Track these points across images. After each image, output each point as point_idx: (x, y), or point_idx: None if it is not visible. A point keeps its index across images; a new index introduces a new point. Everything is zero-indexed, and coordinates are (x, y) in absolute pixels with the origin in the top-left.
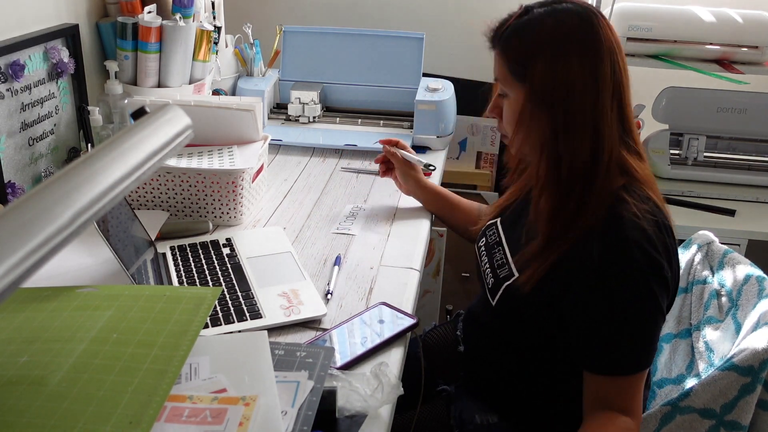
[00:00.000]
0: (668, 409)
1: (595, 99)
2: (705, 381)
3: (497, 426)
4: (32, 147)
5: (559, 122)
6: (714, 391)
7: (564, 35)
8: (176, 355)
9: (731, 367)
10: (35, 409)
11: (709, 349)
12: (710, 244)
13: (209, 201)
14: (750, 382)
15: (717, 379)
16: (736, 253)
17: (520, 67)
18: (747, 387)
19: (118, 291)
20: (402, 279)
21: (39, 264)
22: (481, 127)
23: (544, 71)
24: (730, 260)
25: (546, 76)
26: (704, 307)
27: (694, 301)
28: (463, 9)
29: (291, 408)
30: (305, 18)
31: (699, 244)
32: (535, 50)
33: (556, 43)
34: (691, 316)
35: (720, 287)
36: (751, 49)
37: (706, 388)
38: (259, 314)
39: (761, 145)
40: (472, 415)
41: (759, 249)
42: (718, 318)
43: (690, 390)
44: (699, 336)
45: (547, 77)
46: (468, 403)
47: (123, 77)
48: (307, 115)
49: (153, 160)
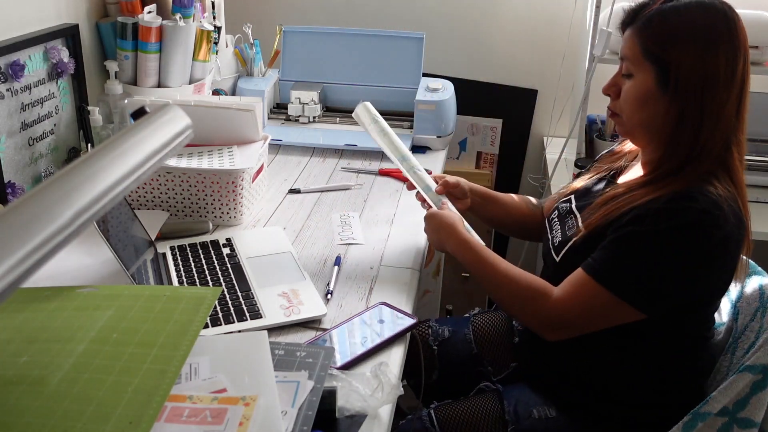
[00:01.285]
0: (689, 418)
1: (729, 95)
2: (722, 387)
3: (556, 420)
4: (32, 147)
5: (691, 112)
6: (731, 394)
7: (713, 28)
8: (176, 355)
9: (745, 369)
10: (35, 409)
11: None
12: None
13: (209, 201)
14: (761, 379)
15: (733, 383)
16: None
17: (660, 49)
18: (759, 384)
19: (118, 291)
20: (402, 279)
21: (39, 264)
22: (481, 127)
23: (693, 61)
24: None
25: (694, 66)
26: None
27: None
28: (463, 9)
29: (291, 408)
30: (305, 18)
31: None
32: (683, 37)
33: (707, 35)
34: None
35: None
36: (751, 49)
37: (723, 393)
38: (259, 314)
39: (761, 145)
40: (528, 409)
41: (759, 249)
42: (718, 321)
43: (709, 397)
44: None
45: (695, 67)
46: (522, 396)
47: (123, 77)
48: (307, 115)
49: (153, 160)
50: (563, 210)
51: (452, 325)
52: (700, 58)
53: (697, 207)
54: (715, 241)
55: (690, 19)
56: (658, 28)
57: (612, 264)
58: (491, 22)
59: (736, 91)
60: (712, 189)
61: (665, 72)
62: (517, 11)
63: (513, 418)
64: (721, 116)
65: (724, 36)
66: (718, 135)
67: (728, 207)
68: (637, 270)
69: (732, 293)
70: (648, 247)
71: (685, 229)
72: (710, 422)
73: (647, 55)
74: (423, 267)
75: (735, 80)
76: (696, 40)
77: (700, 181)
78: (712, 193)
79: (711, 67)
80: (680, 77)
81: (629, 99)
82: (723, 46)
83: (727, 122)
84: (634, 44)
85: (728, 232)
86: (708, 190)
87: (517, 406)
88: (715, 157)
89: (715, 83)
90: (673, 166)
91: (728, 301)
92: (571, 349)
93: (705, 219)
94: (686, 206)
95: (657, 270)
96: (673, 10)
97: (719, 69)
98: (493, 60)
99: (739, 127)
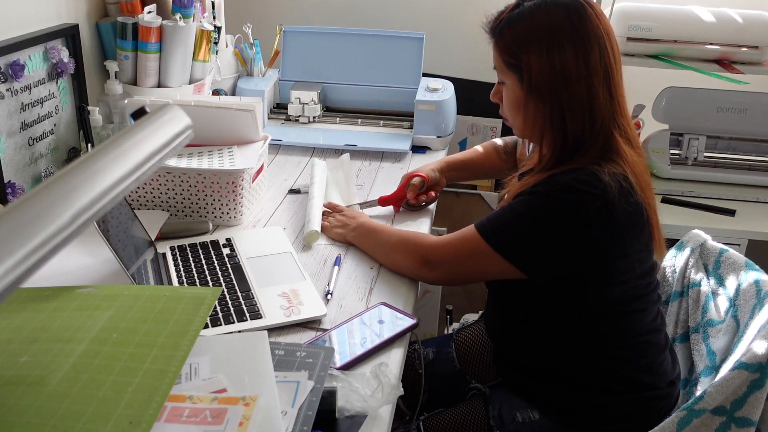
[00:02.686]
0: (684, 413)
1: (589, 85)
2: (717, 383)
3: (539, 423)
4: (32, 147)
5: (555, 109)
6: (727, 391)
7: (555, 27)
8: (176, 355)
9: (740, 366)
10: (35, 409)
11: (710, 351)
12: (703, 243)
13: (209, 201)
14: (759, 378)
15: (728, 380)
16: (732, 251)
17: (513, 58)
18: (756, 383)
19: (118, 291)
20: (402, 279)
21: (39, 264)
22: (481, 127)
23: (539, 63)
24: (726, 259)
25: (542, 68)
26: (702, 310)
27: (690, 305)
28: (463, 9)
29: (291, 408)
30: (305, 18)
31: (692, 247)
32: (528, 43)
33: (548, 35)
34: (689, 319)
35: (717, 287)
36: (751, 49)
37: (719, 389)
38: (259, 314)
39: (761, 145)
40: (512, 413)
41: (759, 249)
42: (717, 320)
43: (704, 393)
44: (699, 339)
45: (543, 68)
46: (506, 401)
47: (123, 77)
48: (307, 115)
49: (153, 160)
50: None
51: (436, 345)
52: (546, 57)
53: (574, 177)
54: (586, 206)
55: (532, 22)
56: (508, 37)
57: (493, 218)
58: None
59: (599, 80)
60: (596, 167)
61: (522, 77)
62: None
63: (498, 422)
64: (588, 109)
65: (568, 30)
66: (592, 125)
67: (611, 178)
68: (510, 224)
69: (729, 291)
70: (522, 207)
71: (561, 193)
72: (706, 420)
73: (506, 64)
74: None
75: (593, 71)
76: (540, 41)
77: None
78: (593, 169)
79: (559, 64)
80: (533, 79)
81: (507, 105)
82: (570, 42)
83: (598, 111)
84: (496, 55)
85: (609, 200)
86: (590, 168)
87: (501, 411)
88: (601, 147)
89: (568, 78)
90: (554, 162)
91: (726, 299)
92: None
93: (581, 187)
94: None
95: (526, 227)
96: (518, 17)
97: (569, 63)
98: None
99: (618, 111)
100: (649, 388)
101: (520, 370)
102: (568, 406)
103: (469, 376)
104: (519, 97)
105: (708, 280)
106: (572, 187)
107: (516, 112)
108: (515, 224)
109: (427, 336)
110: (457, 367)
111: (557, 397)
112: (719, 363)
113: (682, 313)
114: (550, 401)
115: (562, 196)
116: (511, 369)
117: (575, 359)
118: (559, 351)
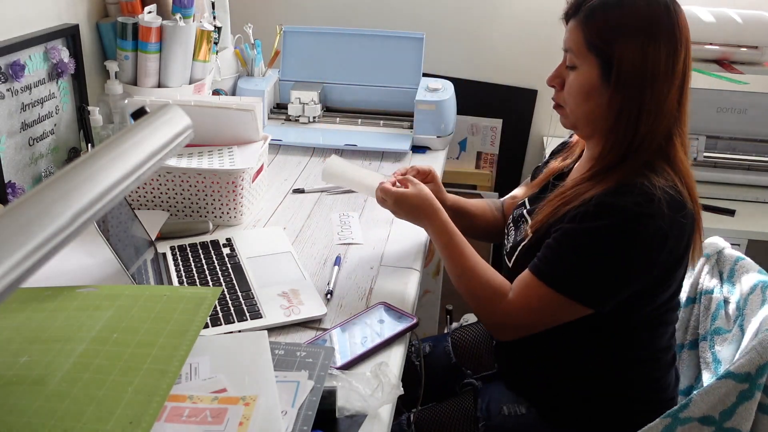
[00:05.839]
0: (669, 421)
1: (670, 86)
2: (703, 391)
3: (524, 416)
4: (32, 147)
5: (634, 104)
6: (713, 399)
7: (655, 21)
8: (176, 355)
9: (728, 375)
10: (35, 409)
11: (716, 360)
12: (721, 251)
13: (209, 201)
14: (747, 389)
15: (714, 388)
16: (749, 260)
17: (603, 42)
18: (745, 394)
19: (118, 291)
20: (402, 279)
21: (39, 264)
22: (481, 127)
23: (633, 54)
24: (741, 267)
25: (634, 59)
26: (712, 318)
27: (701, 312)
28: (463, 9)
29: (291, 408)
30: (305, 18)
31: (709, 253)
32: (626, 30)
33: (648, 27)
34: (699, 326)
35: (729, 295)
36: (750, 49)
37: (704, 398)
38: (259, 314)
39: (761, 145)
40: (499, 406)
41: (759, 249)
42: (726, 328)
43: (689, 401)
44: (706, 347)
45: (635, 60)
46: (496, 395)
47: (123, 77)
48: (307, 115)
49: (153, 160)
50: (517, 215)
51: (433, 340)
52: (642, 51)
53: (624, 203)
54: (650, 232)
55: (632, 11)
56: (601, 20)
57: (553, 262)
58: (491, 22)
59: (677, 85)
60: (645, 181)
61: (608, 65)
62: (517, 11)
63: (484, 414)
64: (662, 110)
65: (666, 29)
66: (658, 128)
67: (663, 194)
68: (577, 267)
69: (740, 299)
70: (584, 244)
71: (615, 225)
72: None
73: (590, 47)
74: (423, 267)
75: (676, 74)
76: (638, 34)
77: (635, 175)
78: (644, 185)
79: (652, 61)
80: (622, 71)
81: (573, 91)
82: (665, 40)
83: (668, 115)
84: (578, 36)
85: (663, 221)
86: (640, 183)
87: (489, 404)
88: (656, 149)
89: (655, 77)
90: (613, 159)
91: (736, 308)
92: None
93: (634, 214)
94: (613, 203)
95: (595, 266)
96: (616, 3)
97: (660, 63)
98: (493, 60)
99: (681, 119)
100: (644, 402)
101: (521, 367)
102: (557, 404)
103: (464, 368)
104: (594, 86)
105: (721, 288)
106: (633, 214)
107: (585, 99)
108: (584, 267)
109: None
110: (453, 361)
111: (549, 393)
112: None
113: (693, 319)
114: (541, 396)
115: (626, 226)
116: (511, 364)
117: (582, 366)
118: (566, 356)
